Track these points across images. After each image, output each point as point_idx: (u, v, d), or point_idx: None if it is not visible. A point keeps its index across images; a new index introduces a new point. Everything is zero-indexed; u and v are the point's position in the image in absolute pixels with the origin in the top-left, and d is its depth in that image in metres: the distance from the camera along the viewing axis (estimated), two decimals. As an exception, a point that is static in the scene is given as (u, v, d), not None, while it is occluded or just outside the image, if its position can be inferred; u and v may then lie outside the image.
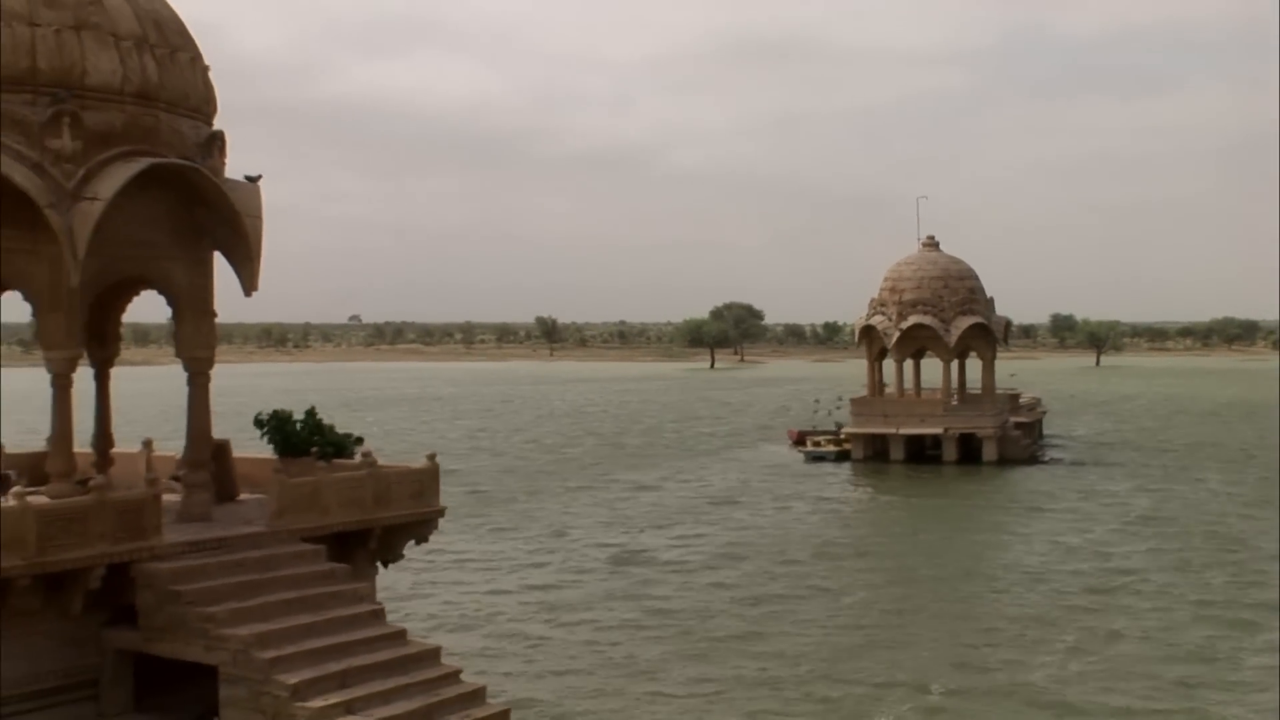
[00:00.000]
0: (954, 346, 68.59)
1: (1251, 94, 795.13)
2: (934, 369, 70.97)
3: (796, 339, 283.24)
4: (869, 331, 70.65)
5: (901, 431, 66.51)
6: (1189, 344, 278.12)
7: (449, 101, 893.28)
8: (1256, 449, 72.73)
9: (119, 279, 18.86)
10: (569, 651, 28.21)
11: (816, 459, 68.91)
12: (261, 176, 19.19)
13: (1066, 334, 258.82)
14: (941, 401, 68.41)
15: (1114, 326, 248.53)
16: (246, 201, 18.66)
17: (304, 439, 21.56)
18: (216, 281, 19.23)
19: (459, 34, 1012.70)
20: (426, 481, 20.87)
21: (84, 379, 18.64)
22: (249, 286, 18.86)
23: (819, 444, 71.19)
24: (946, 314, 68.73)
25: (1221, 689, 25.27)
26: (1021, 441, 69.05)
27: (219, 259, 19.12)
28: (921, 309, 68.86)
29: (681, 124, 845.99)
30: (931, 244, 72.70)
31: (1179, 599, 33.58)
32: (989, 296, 71.27)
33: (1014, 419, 71.11)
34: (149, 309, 20.91)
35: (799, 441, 73.88)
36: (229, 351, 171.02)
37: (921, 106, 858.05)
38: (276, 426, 21.77)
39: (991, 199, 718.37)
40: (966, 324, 68.51)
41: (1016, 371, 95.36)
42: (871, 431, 67.48)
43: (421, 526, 20.95)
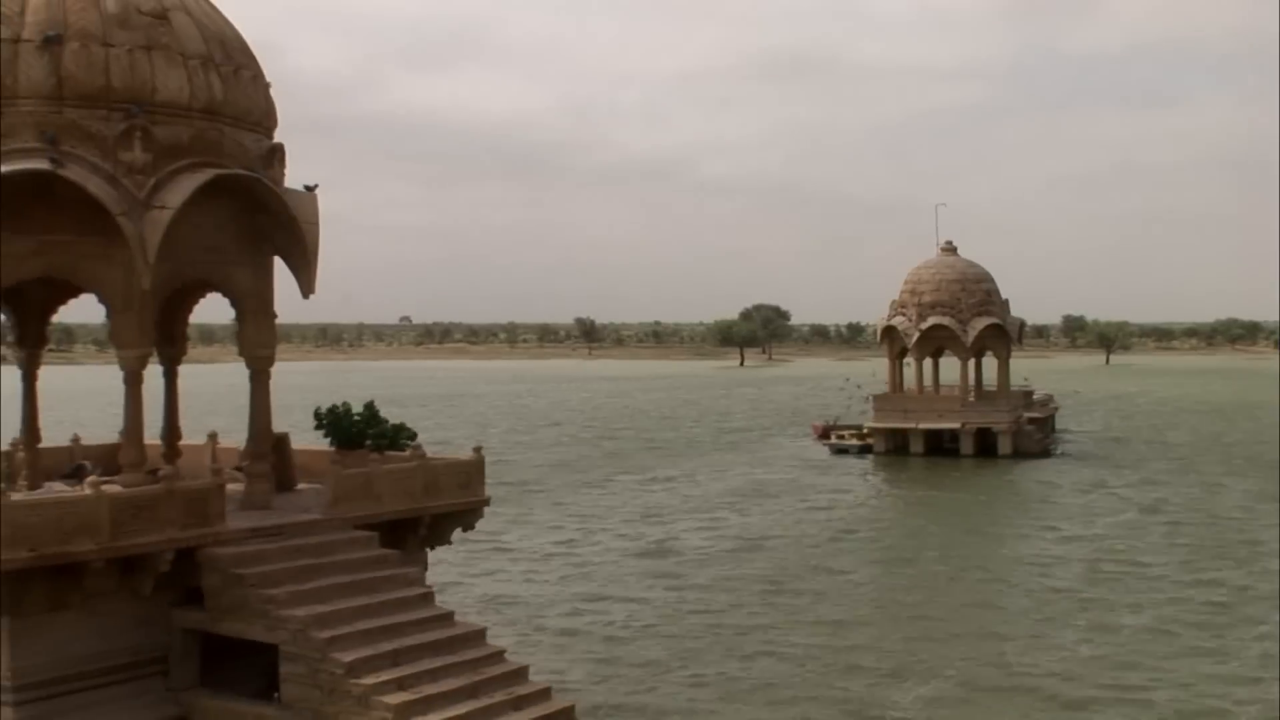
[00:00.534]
0: (971, 346, 68.27)
1: (1255, 107, 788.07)
2: (952, 367, 70.76)
3: (821, 339, 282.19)
4: (890, 332, 70.41)
5: (921, 426, 66.32)
6: (1194, 343, 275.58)
7: (493, 115, 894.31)
8: (1258, 445, 72.01)
9: (186, 282, 19.03)
10: (604, 634, 28.13)
11: (840, 452, 68.71)
12: (318, 186, 19.33)
13: (1078, 334, 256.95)
14: (959, 398, 68.19)
15: (1123, 327, 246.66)
16: (304, 209, 18.79)
17: (358, 432, 21.66)
18: (276, 284, 19.38)
19: (502, 51, 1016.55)
20: (472, 473, 20.98)
21: (154, 376, 18.81)
22: (306, 289, 18.99)
23: (843, 438, 70.94)
24: (964, 315, 68.43)
25: (1222, 679, 24.97)
26: (1035, 436, 68.63)
27: (278, 263, 19.26)
28: (940, 310, 68.59)
29: (712, 136, 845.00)
30: (950, 249, 72.32)
31: (1184, 589, 33.24)
32: (1004, 298, 70.81)
33: (1028, 415, 70.76)
34: (214, 310, 21.03)
35: (823, 435, 73.59)
36: (288, 350, 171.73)
37: (940, 119, 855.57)
38: (333, 421, 21.88)
39: (1007, 206, 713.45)
40: (983, 324, 68.16)
41: (1030, 374, 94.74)
42: (892, 426, 67.30)
43: (468, 515, 21.06)
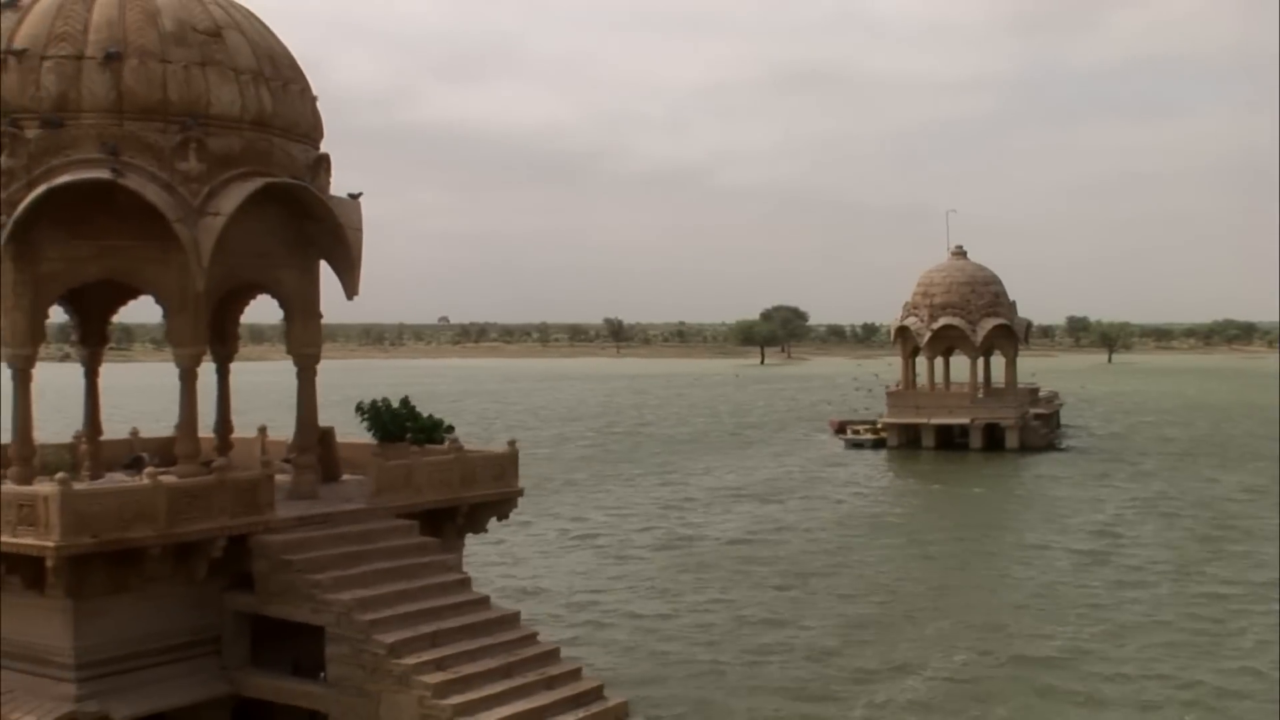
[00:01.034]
0: (980, 345, 68.15)
1: (1250, 118, 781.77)
2: (961, 365, 70.60)
3: (838, 338, 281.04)
4: (903, 331, 70.26)
5: (932, 421, 66.36)
6: (1192, 343, 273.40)
7: (525, 125, 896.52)
8: (1254, 440, 71.49)
9: (237, 284, 19.08)
10: (633, 619, 28.16)
11: (855, 445, 68.61)
12: (361, 194, 19.36)
13: (1081, 334, 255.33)
14: (968, 395, 68.13)
15: (1124, 327, 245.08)
16: (348, 216, 18.83)
17: (399, 426, 21.68)
18: (322, 286, 19.42)
19: (533, 65, 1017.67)
20: (507, 465, 20.97)
21: (207, 373, 18.89)
22: (351, 291, 19.01)
23: (858, 432, 70.87)
24: (973, 316, 68.28)
25: (1221, 660, 24.82)
26: (1040, 431, 68.54)
27: (324, 266, 19.30)
28: (951, 311, 68.46)
29: (733, 145, 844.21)
30: (960, 253, 72.12)
31: (1182, 577, 33.02)
32: (1011, 300, 70.55)
33: (1034, 410, 70.70)
34: (264, 311, 21.10)
35: (839, 430, 73.48)
36: (333, 349, 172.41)
37: (950, 129, 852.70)
38: (375, 415, 21.89)
39: (1014, 212, 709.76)
40: (991, 325, 68.02)
41: (1036, 371, 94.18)
42: (905, 421, 67.41)
43: (503, 505, 21.04)
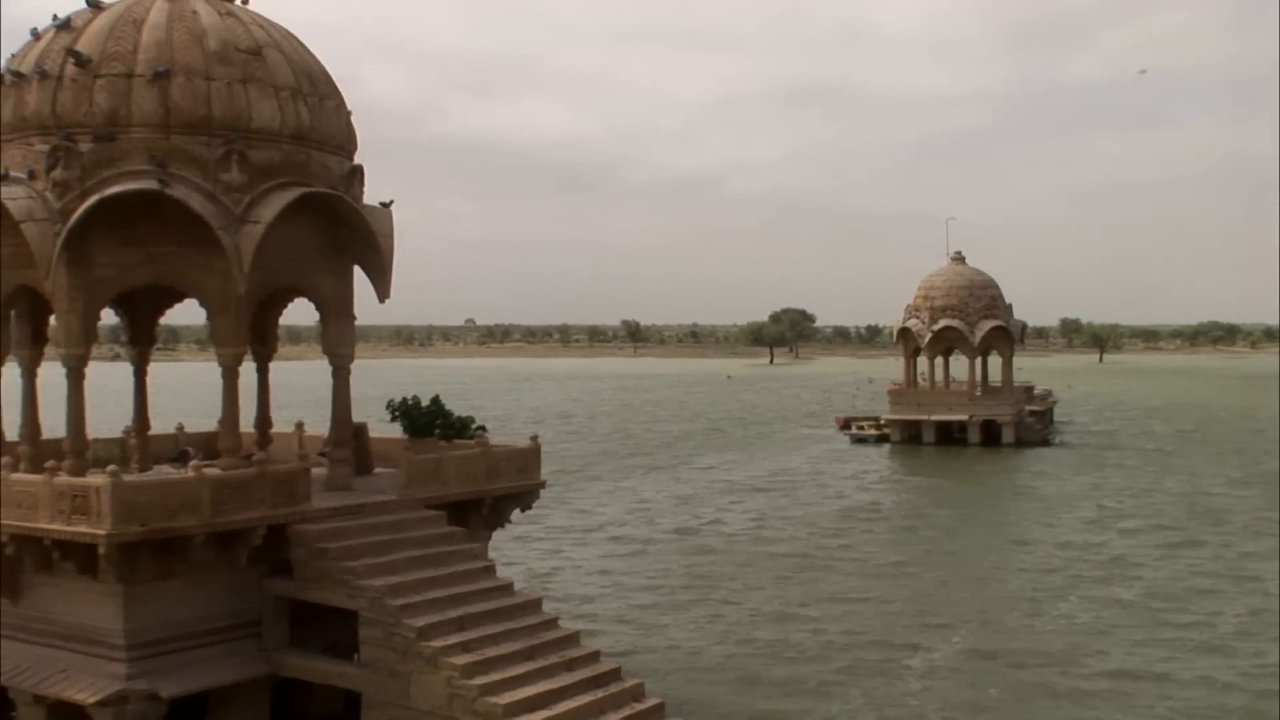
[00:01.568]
0: (978, 346, 67.98)
1: (1235, 129, 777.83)
2: (961, 365, 70.58)
3: (843, 339, 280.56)
4: (905, 333, 70.12)
5: (932, 418, 66.19)
6: (1179, 344, 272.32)
7: (546, 137, 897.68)
8: (1237, 434, 71.12)
9: (276, 288, 19.15)
10: (652, 609, 28.05)
11: (859, 441, 68.43)
12: (392, 202, 19.41)
13: (1074, 335, 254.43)
14: (967, 393, 68.06)
15: (1115, 329, 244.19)
16: (380, 223, 18.88)
17: (428, 422, 21.71)
18: (355, 290, 19.47)
19: (554, 81, 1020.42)
20: (529, 459, 21.00)
21: (248, 372, 18.95)
22: (382, 294, 19.07)
23: (862, 428, 70.63)
24: (971, 318, 68.17)
25: (1213, 649, 24.61)
26: (1035, 427, 68.32)
27: (358, 271, 19.34)
28: (950, 314, 68.35)
29: (743, 155, 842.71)
30: (959, 258, 72.00)
31: (1170, 566, 32.80)
32: (1008, 303, 70.32)
33: (1029, 408, 70.48)
34: (301, 313, 21.17)
35: (844, 426, 73.26)
36: (365, 349, 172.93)
37: (950, 140, 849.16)
38: (405, 411, 21.94)
39: (1010, 219, 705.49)
40: (988, 326, 67.88)
41: (1022, 367, 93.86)
42: (907, 418, 67.24)
43: (526, 497, 21.09)
